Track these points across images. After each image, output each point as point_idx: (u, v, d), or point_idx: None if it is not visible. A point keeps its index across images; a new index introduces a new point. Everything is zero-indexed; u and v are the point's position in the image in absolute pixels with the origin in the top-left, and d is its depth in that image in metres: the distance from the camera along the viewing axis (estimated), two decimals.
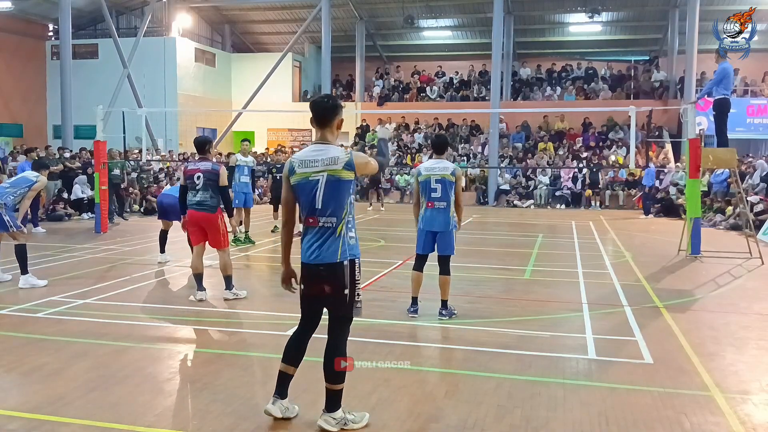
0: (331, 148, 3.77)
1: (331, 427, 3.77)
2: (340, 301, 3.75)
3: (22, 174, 9.06)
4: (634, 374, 4.87)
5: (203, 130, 28.02)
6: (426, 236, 6.41)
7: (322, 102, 3.80)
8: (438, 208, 6.31)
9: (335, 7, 26.86)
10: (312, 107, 3.79)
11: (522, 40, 28.94)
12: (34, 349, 5.37)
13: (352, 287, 3.74)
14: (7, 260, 8.42)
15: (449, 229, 6.31)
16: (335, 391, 3.79)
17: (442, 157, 6.48)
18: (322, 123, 3.80)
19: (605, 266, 9.78)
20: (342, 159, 3.71)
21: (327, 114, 3.78)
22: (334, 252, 3.70)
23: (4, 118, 25.21)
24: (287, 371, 3.90)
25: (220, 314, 6.77)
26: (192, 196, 7.23)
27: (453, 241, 6.37)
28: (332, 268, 3.70)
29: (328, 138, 3.82)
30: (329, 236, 3.72)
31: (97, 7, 25.23)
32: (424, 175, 6.37)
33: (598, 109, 24.35)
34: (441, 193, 6.29)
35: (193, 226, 7.36)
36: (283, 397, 3.90)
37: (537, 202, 22.47)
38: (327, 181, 3.70)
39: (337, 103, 3.83)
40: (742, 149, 18.43)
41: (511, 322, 6.41)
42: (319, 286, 3.76)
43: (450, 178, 6.28)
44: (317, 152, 3.76)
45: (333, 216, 3.71)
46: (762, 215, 14.09)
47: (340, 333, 3.84)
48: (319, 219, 3.73)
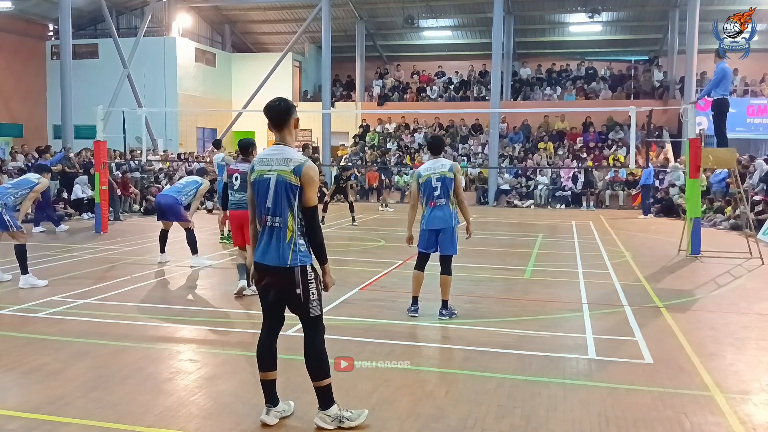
0: (287, 149, 3.84)
1: (327, 425, 3.81)
2: (294, 301, 3.81)
3: (25, 176, 9.11)
4: (634, 374, 4.87)
5: (203, 130, 28.05)
6: (429, 235, 6.39)
7: (276, 106, 3.87)
8: (439, 206, 6.31)
9: (335, 7, 26.85)
10: (266, 112, 3.87)
11: (522, 40, 28.93)
12: (34, 349, 5.37)
13: (305, 287, 3.77)
14: (7, 260, 8.41)
15: (451, 225, 6.28)
16: (323, 387, 3.83)
17: (439, 156, 6.49)
18: (279, 125, 3.87)
19: (605, 266, 9.78)
20: (294, 162, 3.76)
21: (282, 116, 3.85)
22: (285, 257, 3.74)
23: (4, 118, 25.20)
24: (267, 378, 3.93)
25: (219, 314, 6.77)
26: (231, 196, 7.54)
27: (455, 241, 6.35)
28: (281, 271, 3.75)
29: (286, 139, 3.89)
30: (278, 238, 3.77)
31: (97, 7, 25.23)
32: (425, 176, 6.36)
33: (598, 109, 24.35)
34: (441, 191, 6.29)
35: (234, 225, 7.61)
36: (274, 405, 3.93)
37: (537, 202, 22.47)
38: (277, 181, 3.76)
39: (290, 105, 3.91)
40: (742, 149, 18.40)
41: (511, 322, 6.41)
42: (270, 284, 3.82)
43: (449, 175, 6.29)
44: (274, 152, 3.85)
45: (279, 216, 3.77)
46: (762, 215, 14.08)
47: (311, 331, 3.87)
48: (268, 218, 3.80)
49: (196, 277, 8.69)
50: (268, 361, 3.91)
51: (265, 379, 3.92)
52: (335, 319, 6.24)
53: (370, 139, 27.45)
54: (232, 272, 8.88)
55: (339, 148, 27.59)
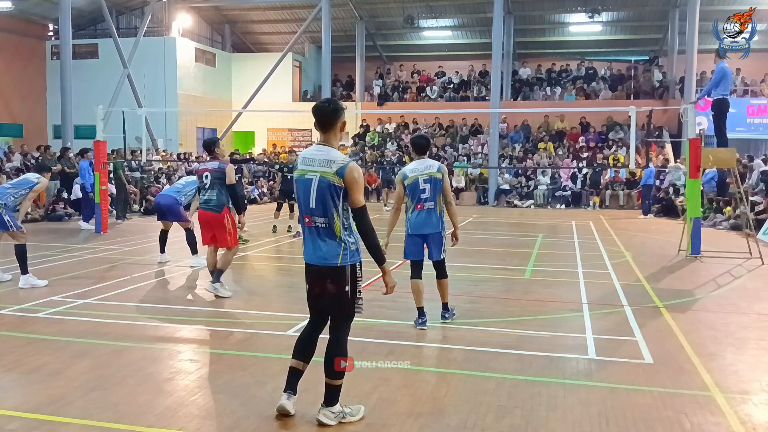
0: (331, 150, 3.84)
1: (330, 421, 3.86)
2: (341, 299, 3.82)
3: (24, 175, 9.12)
4: (634, 374, 4.87)
5: (203, 130, 28.04)
6: (415, 241, 6.07)
7: (324, 107, 3.87)
8: (427, 209, 5.99)
9: (335, 7, 26.85)
10: (315, 112, 3.85)
11: (522, 40, 28.94)
12: (34, 349, 5.37)
13: (353, 286, 3.82)
14: (7, 260, 8.41)
15: (439, 230, 6.02)
16: (335, 386, 3.87)
17: (424, 156, 6.12)
18: (325, 127, 3.87)
19: (605, 266, 9.78)
20: (337, 163, 3.76)
21: (330, 118, 3.85)
22: (335, 256, 3.77)
23: (4, 118, 25.19)
24: (297, 367, 3.96)
25: (219, 314, 6.77)
26: (201, 196, 7.50)
27: (443, 244, 6.07)
28: (332, 270, 3.78)
29: (330, 140, 3.89)
30: (326, 237, 3.79)
31: (97, 7, 25.22)
32: (411, 177, 6.00)
33: (598, 109, 24.35)
34: (429, 193, 5.97)
35: (202, 225, 7.56)
36: (294, 393, 3.96)
37: (537, 202, 22.48)
38: (319, 182, 3.76)
39: (339, 107, 3.89)
40: (742, 149, 18.41)
41: (511, 322, 6.41)
42: (321, 284, 3.84)
43: (437, 176, 5.96)
44: (318, 152, 3.84)
45: (324, 217, 3.78)
46: (762, 215, 14.07)
47: (341, 330, 3.91)
48: (313, 219, 3.81)
49: (195, 277, 8.69)
50: (304, 350, 3.97)
51: (295, 367, 3.95)
52: None
53: (370, 139, 27.44)
54: (231, 272, 8.89)
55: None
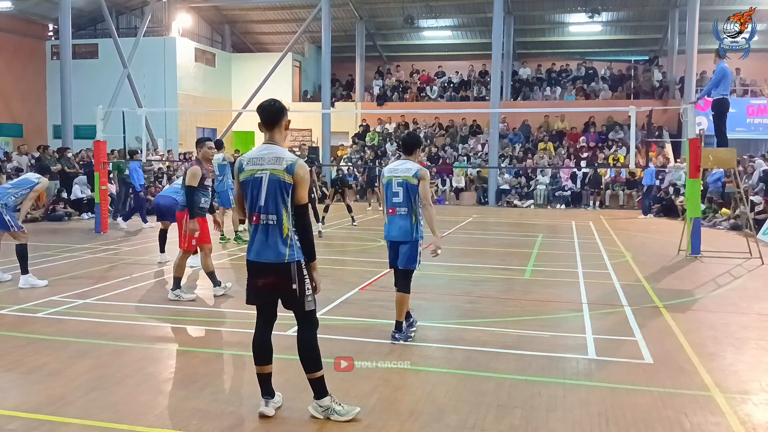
0: (279, 149, 3.92)
1: (317, 414, 3.95)
2: (290, 297, 3.88)
3: (25, 175, 9.13)
4: (634, 374, 4.87)
5: (203, 130, 28.03)
6: (390, 247, 5.69)
7: (270, 106, 3.98)
8: (399, 215, 5.53)
9: (335, 7, 26.85)
10: (260, 111, 3.97)
11: (522, 40, 28.94)
12: (34, 349, 5.37)
13: (300, 282, 3.86)
14: (7, 260, 8.42)
15: (411, 238, 5.49)
16: (316, 378, 3.94)
17: (410, 158, 5.67)
18: (271, 125, 3.97)
19: (605, 266, 9.78)
20: (287, 161, 3.84)
21: (275, 117, 3.97)
22: (282, 254, 3.82)
23: (4, 118, 25.19)
24: (264, 371, 4.02)
25: (219, 314, 6.77)
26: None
27: (417, 254, 5.54)
28: (278, 267, 3.83)
29: (276, 139, 3.98)
30: (274, 235, 3.84)
31: (97, 7, 25.22)
32: (387, 177, 5.62)
33: (598, 109, 24.35)
34: (402, 197, 5.49)
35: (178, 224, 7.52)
36: (271, 397, 4.03)
37: (537, 202, 22.48)
38: (270, 179, 3.83)
39: (283, 106, 4.02)
40: (742, 149, 18.41)
41: (511, 322, 6.41)
42: (267, 282, 3.88)
43: (412, 181, 5.45)
44: (266, 151, 3.91)
45: (274, 214, 3.84)
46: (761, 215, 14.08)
47: (305, 326, 3.97)
48: (262, 216, 3.86)
49: (196, 277, 8.68)
50: (264, 355, 4.01)
51: (261, 372, 4.02)
52: (335, 319, 6.25)
53: (369, 139, 27.44)
54: (231, 272, 8.90)
55: (339, 148, 27.58)
